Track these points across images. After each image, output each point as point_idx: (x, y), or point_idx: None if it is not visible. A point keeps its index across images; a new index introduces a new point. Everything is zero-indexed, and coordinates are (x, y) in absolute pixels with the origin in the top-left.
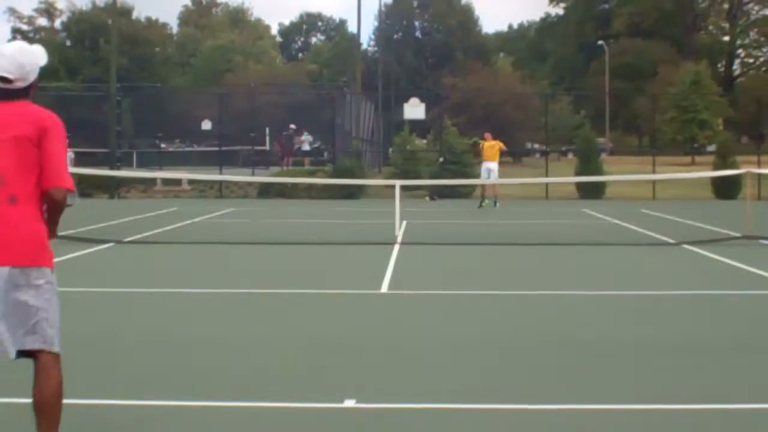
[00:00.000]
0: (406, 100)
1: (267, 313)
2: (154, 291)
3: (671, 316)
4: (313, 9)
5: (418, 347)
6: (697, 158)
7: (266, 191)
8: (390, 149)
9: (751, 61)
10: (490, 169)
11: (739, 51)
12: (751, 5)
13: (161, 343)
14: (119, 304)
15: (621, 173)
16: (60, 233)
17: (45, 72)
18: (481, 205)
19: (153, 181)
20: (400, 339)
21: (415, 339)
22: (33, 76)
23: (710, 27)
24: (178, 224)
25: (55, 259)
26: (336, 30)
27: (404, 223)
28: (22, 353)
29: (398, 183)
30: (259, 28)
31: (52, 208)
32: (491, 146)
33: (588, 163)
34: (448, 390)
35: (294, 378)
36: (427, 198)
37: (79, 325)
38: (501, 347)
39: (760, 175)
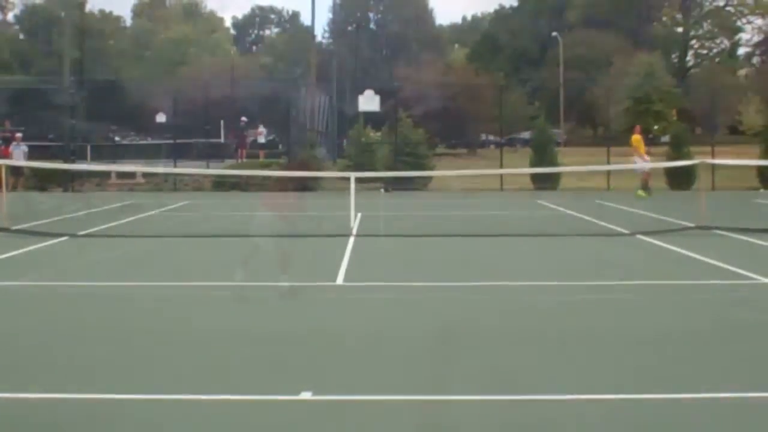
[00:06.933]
0: (361, 92)
1: (223, 306)
2: (109, 284)
3: (622, 306)
4: (266, 2)
5: (373, 338)
6: (651, 149)
7: (221, 184)
8: (345, 141)
9: (704, 52)
10: None
11: (693, 42)
12: None
13: (116, 337)
14: (74, 297)
15: (575, 164)
16: (14, 227)
17: None
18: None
19: (107, 174)
20: (356, 330)
21: (370, 330)
22: None
23: (664, 18)
24: (133, 217)
25: (9, 253)
26: (290, 22)
27: (359, 215)
28: None
29: (353, 175)
30: (212, 21)
31: None
32: None
33: (543, 154)
34: (404, 382)
35: (251, 371)
36: (382, 190)
37: (29, 319)
38: (455, 338)
39: (713, 165)
